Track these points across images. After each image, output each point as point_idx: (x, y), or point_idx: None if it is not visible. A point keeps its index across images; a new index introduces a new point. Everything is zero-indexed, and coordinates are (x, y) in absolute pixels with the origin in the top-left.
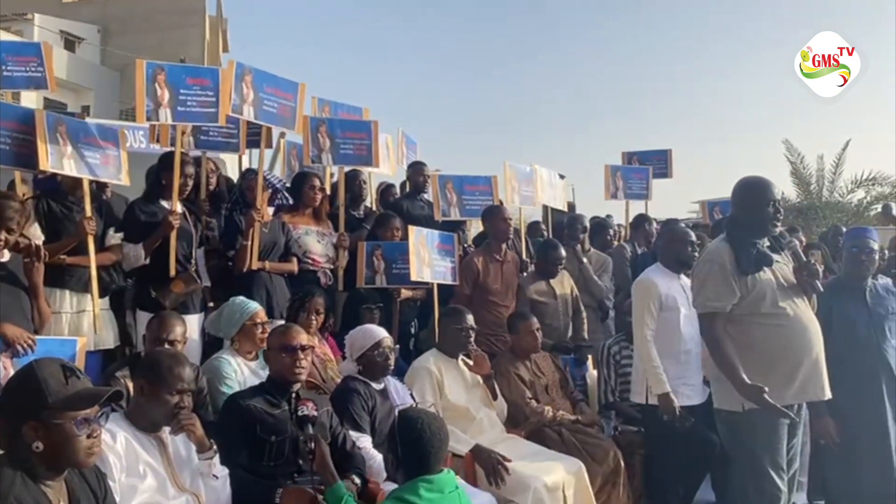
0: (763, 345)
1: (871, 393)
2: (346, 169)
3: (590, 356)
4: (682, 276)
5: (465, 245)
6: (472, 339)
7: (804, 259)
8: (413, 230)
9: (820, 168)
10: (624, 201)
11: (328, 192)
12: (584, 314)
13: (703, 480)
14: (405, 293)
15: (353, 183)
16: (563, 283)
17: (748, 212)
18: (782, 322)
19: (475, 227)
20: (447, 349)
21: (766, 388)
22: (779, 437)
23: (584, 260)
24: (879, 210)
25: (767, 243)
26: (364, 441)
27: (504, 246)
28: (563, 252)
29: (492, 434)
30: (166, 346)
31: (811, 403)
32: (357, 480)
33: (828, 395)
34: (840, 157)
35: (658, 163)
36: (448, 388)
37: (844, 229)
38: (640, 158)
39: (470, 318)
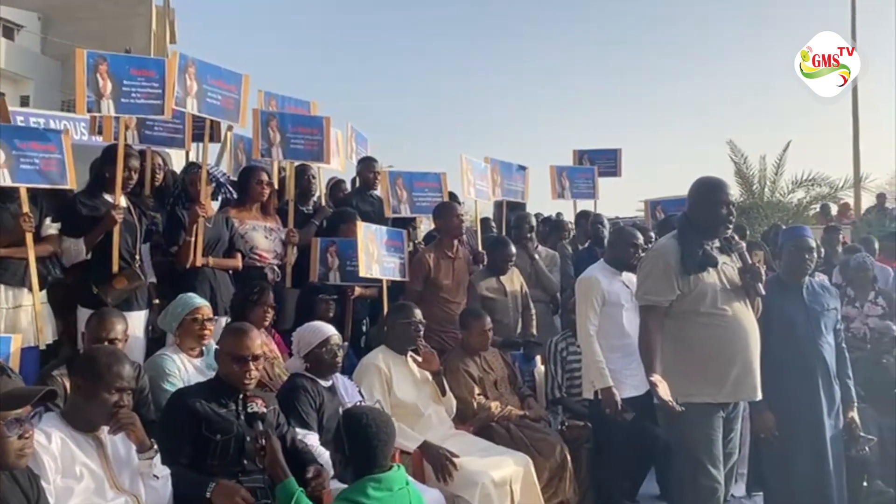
0: (699, 343)
1: (808, 388)
2: (296, 164)
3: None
4: (625, 273)
5: (415, 242)
6: (420, 335)
7: (750, 262)
8: (362, 226)
9: (762, 168)
10: (573, 200)
11: (276, 186)
12: (534, 311)
13: (647, 474)
14: (359, 291)
15: (302, 178)
16: (514, 280)
17: (701, 212)
18: (720, 322)
19: (425, 224)
20: (395, 346)
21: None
22: (714, 431)
23: (536, 256)
24: (818, 210)
25: (718, 244)
26: (311, 439)
27: (456, 242)
28: (514, 249)
29: (440, 430)
30: (106, 343)
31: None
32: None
33: (759, 396)
34: (781, 158)
35: (607, 161)
36: (396, 385)
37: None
38: (591, 157)
39: (418, 314)
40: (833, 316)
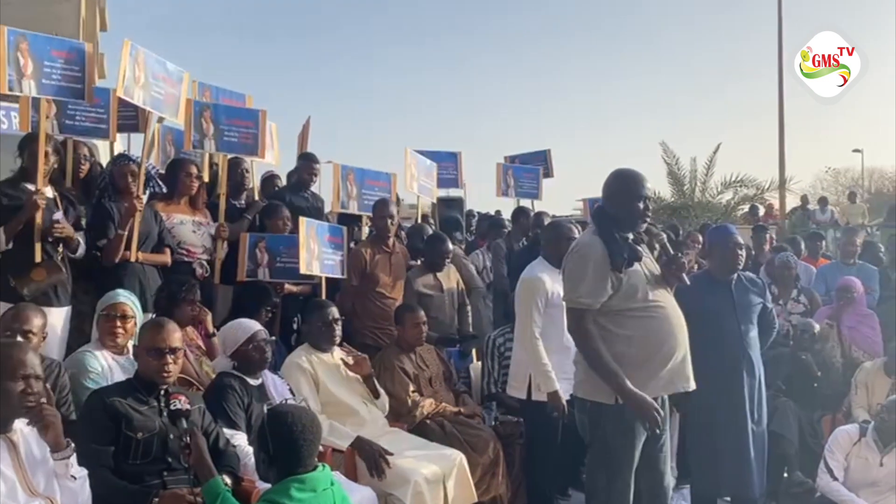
0: (635, 338)
1: (733, 382)
2: (229, 157)
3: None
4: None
5: (357, 241)
6: (336, 332)
7: (672, 253)
8: (303, 222)
9: (693, 169)
10: (515, 199)
11: (206, 179)
12: (470, 307)
13: (580, 471)
14: (288, 287)
15: (235, 171)
16: (450, 277)
17: (618, 204)
18: (653, 315)
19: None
20: (315, 343)
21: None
22: (641, 433)
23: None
24: (746, 210)
25: (632, 237)
26: (239, 438)
27: (392, 237)
28: (450, 245)
29: (373, 428)
30: (18, 337)
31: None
32: (228, 480)
33: (692, 385)
34: (711, 160)
35: (538, 163)
36: (325, 383)
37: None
38: (521, 160)
39: (334, 311)
40: (758, 310)
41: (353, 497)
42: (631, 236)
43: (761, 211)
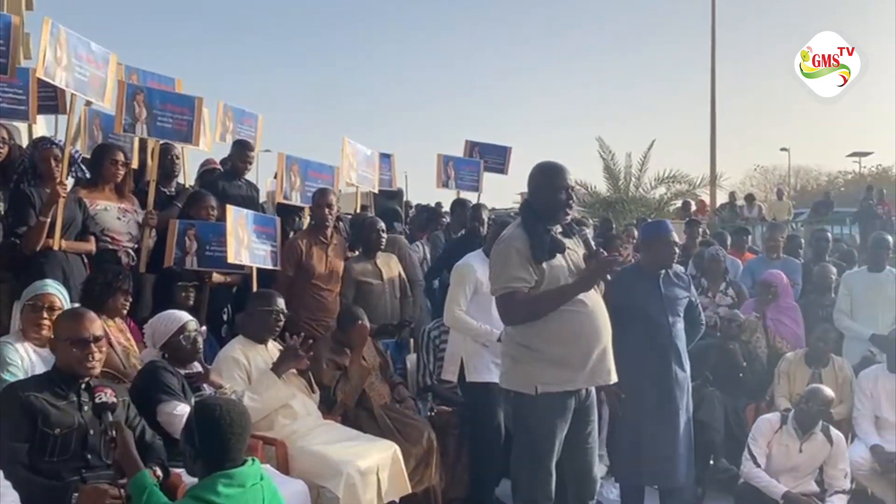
0: (558, 330)
1: (661, 373)
2: (161, 142)
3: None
4: None
5: (295, 231)
6: (280, 323)
7: (594, 247)
8: (231, 210)
9: (628, 165)
10: (456, 191)
11: (135, 165)
12: (412, 297)
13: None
14: (217, 277)
15: (165, 157)
16: (391, 266)
17: (541, 197)
18: (577, 308)
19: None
20: (254, 334)
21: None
22: (562, 423)
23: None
24: (679, 205)
25: (560, 229)
26: (183, 408)
27: (330, 228)
28: (383, 226)
29: (308, 420)
30: None
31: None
32: (159, 472)
33: (614, 378)
34: (646, 156)
35: (496, 158)
36: (258, 375)
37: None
38: (481, 150)
39: (280, 302)
40: (685, 304)
41: (285, 490)
42: (559, 228)
43: (693, 206)
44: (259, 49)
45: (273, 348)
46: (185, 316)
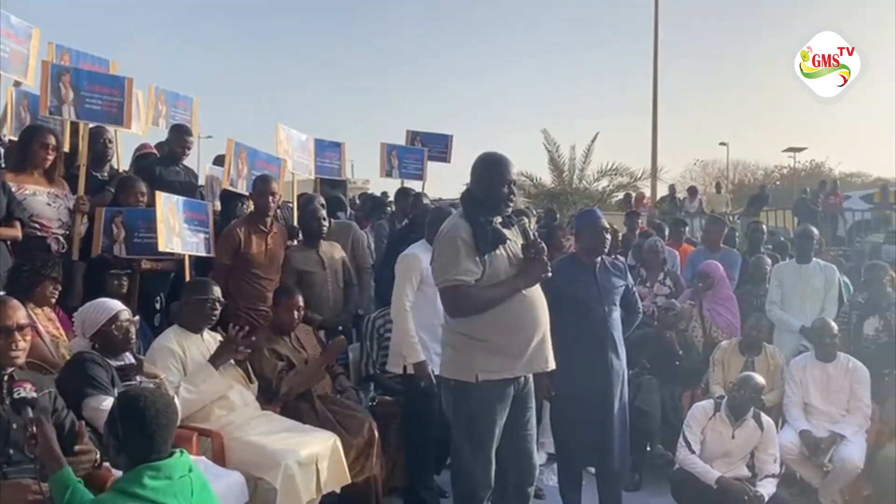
0: (497, 319)
1: (597, 360)
2: (91, 125)
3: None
4: None
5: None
6: (216, 312)
7: (532, 237)
8: (161, 196)
9: (572, 157)
10: (400, 180)
11: (66, 149)
12: (357, 286)
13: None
14: (148, 265)
15: (97, 141)
16: (334, 254)
17: (484, 188)
18: (516, 296)
19: None
20: (189, 323)
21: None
22: (501, 410)
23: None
24: (621, 197)
25: (500, 220)
26: (110, 403)
27: (270, 216)
28: (324, 212)
29: (245, 411)
30: None
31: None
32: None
33: (552, 365)
34: (589, 148)
35: (439, 146)
36: (193, 366)
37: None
38: (423, 140)
39: (216, 291)
40: (621, 292)
41: (221, 482)
42: (499, 219)
43: (634, 198)
44: (201, 35)
45: (209, 338)
46: (116, 305)
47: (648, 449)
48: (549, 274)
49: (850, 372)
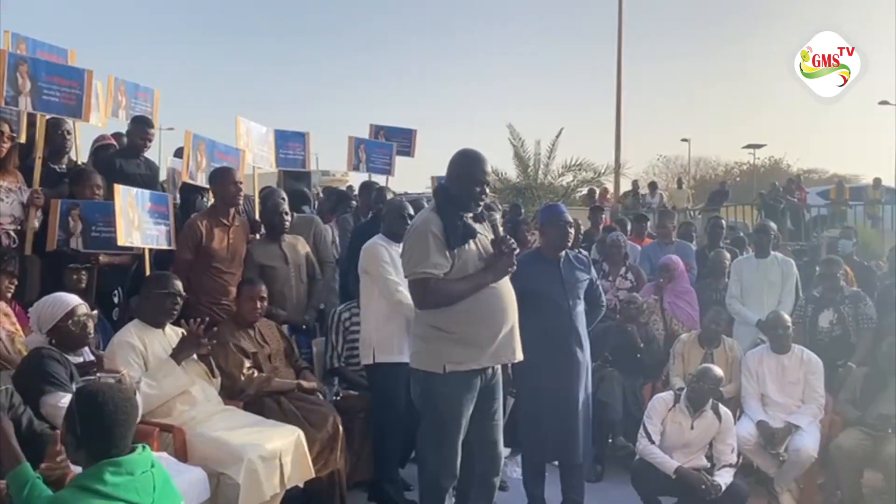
0: (466, 311)
1: (562, 354)
2: (47, 117)
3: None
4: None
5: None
6: (178, 307)
7: (501, 233)
8: (119, 189)
9: (537, 152)
10: (368, 174)
11: (23, 140)
12: (322, 281)
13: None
14: (105, 259)
15: (55, 133)
16: (297, 249)
17: (458, 184)
18: (485, 290)
19: None
20: (150, 318)
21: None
22: (468, 401)
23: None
24: (585, 193)
25: (471, 215)
26: (68, 399)
27: (232, 210)
28: (286, 206)
29: (207, 407)
30: None
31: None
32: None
33: (519, 357)
34: (554, 144)
35: (402, 140)
36: (155, 361)
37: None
38: (387, 133)
39: (178, 285)
40: (585, 286)
41: (182, 478)
42: (470, 215)
43: (598, 194)
44: (163, 25)
45: (171, 333)
46: (73, 299)
47: (610, 440)
48: (514, 268)
49: (804, 364)
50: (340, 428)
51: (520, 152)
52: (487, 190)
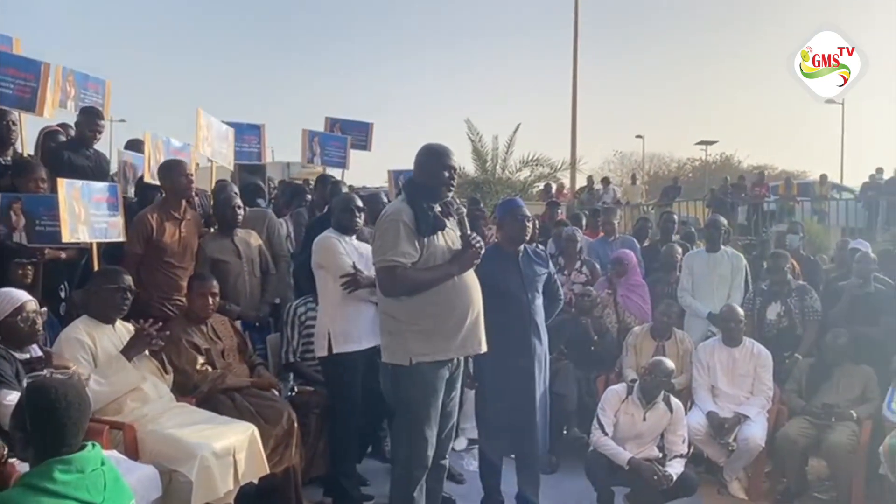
0: (433, 302)
1: (522, 348)
2: None
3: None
4: (353, 239)
5: None
6: (128, 302)
7: (467, 230)
8: (63, 183)
9: (495, 148)
10: (322, 167)
11: None
12: (276, 275)
13: (380, 427)
14: (51, 253)
15: (0, 123)
16: (250, 243)
17: (426, 175)
18: (449, 281)
19: None
20: (100, 314)
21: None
22: (436, 392)
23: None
24: (541, 188)
25: (440, 208)
26: (15, 397)
27: (183, 203)
28: (240, 201)
29: (159, 403)
30: None
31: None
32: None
33: (484, 348)
34: (511, 139)
35: (359, 134)
36: (104, 357)
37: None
38: (343, 127)
39: (127, 279)
40: (543, 280)
41: (133, 476)
42: (438, 208)
43: (555, 189)
44: (114, 14)
45: (122, 328)
46: (22, 295)
47: (565, 432)
48: (479, 260)
49: (754, 356)
50: (295, 424)
51: (478, 147)
52: (455, 177)
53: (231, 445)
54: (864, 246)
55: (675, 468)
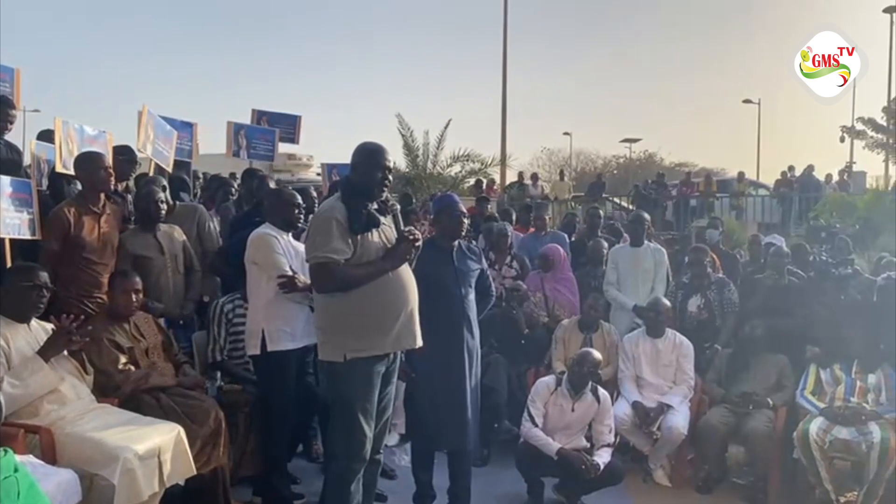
0: (368, 297)
1: (454, 343)
2: None
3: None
4: (289, 236)
5: None
6: (44, 300)
7: (402, 227)
8: None
9: (426, 143)
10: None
11: None
12: (201, 271)
13: (310, 426)
14: None
15: None
16: (174, 238)
17: (361, 174)
18: (385, 277)
19: None
20: (14, 312)
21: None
22: (372, 387)
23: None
24: (472, 183)
25: (376, 206)
26: None
27: (103, 197)
28: (162, 195)
29: (78, 405)
30: None
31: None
32: None
33: (419, 343)
34: (442, 135)
35: (287, 127)
36: (19, 358)
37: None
38: (270, 120)
39: (44, 276)
40: (476, 275)
41: (50, 481)
42: (375, 205)
43: (485, 184)
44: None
45: (38, 328)
46: None
47: (496, 425)
48: (413, 255)
49: (676, 347)
50: (223, 423)
51: (409, 142)
52: (390, 177)
53: (156, 447)
54: (779, 241)
55: (603, 457)
